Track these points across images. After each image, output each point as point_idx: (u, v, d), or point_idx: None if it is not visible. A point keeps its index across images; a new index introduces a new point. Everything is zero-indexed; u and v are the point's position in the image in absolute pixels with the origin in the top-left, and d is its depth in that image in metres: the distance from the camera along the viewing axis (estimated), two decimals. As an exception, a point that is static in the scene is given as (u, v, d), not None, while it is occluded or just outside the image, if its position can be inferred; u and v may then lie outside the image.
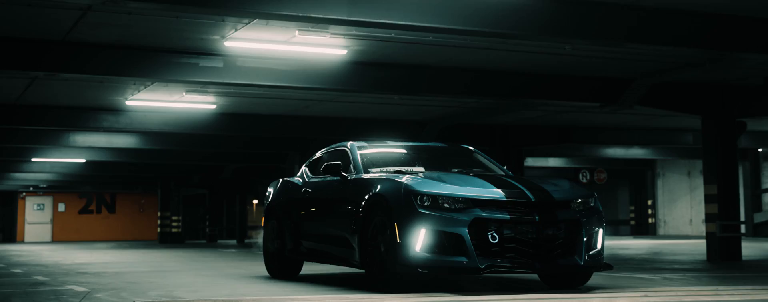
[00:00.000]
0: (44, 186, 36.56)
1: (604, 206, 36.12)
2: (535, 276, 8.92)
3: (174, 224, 33.04)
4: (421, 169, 8.74)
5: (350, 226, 8.21)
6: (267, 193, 10.44)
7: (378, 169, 8.69)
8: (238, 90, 14.93)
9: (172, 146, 21.57)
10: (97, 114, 16.96)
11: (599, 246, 7.92)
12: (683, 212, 29.05)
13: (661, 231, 30.01)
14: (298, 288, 8.28)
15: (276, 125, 17.98)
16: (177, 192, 33.07)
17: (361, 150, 9.05)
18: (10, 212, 38.78)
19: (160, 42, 11.57)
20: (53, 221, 38.67)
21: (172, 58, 12.10)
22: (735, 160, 14.45)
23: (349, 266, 8.33)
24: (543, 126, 19.84)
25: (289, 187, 9.88)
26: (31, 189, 37.42)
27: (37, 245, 29.24)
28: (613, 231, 34.33)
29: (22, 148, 22.91)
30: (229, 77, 12.51)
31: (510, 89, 13.56)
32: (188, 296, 7.36)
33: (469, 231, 7.32)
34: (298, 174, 10.04)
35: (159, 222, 32.65)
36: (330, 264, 8.84)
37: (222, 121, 17.69)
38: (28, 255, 18.74)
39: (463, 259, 7.32)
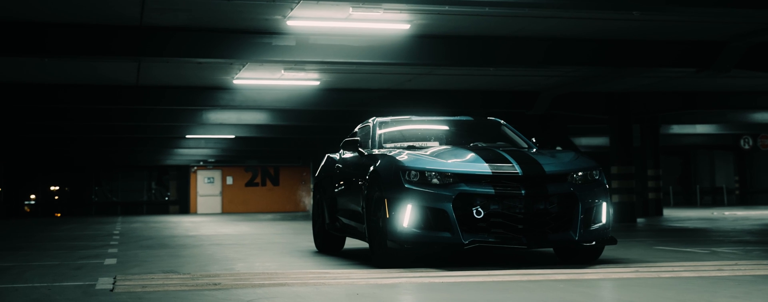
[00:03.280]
0: (213, 160, 38.39)
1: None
2: (550, 251, 8.78)
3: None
4: (435, 144, 8.79)
5: (360, 202, 8.36)
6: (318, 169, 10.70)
7: (393, 145, 8.79)
8: (334, 66, 15.24)
9: (304, 122, 22.24)
10: (212, 92, 17.71)
11: (603, 219, 7.70)
12: None
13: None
14: (319, 263, 8.50)
15: (380, 99, 18.19)
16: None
17: (383, 126, 9.15)
18: (185, 185, 40.99)
19: (228, 24, 11.96)
20: (222, 193, 40.58)
21: (245, 38, 12.47)
22: None
23: (364, 240, 8.47)
24: (665, 92, 19.11)
25: (329, 163, 10.10)
26: (202, 163, 39.37)
27: (203, 216, 30.82)
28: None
29: (170, 126, 24.21)
30: (302, 55, 12.78)
31: (588, 57, 13.16)
32: (196, 270, 7.74)
33: (453, 207, 7.31)
34: (339, 151, 10.24)
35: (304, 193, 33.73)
36: (356, 238, 9.00)
37: (328, 96, 18.08)
38: (168, 225, 19.84)
39: (447, 234, 7.33)
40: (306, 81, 16.46)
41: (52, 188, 42.94)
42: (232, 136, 26.97)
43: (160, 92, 17.35)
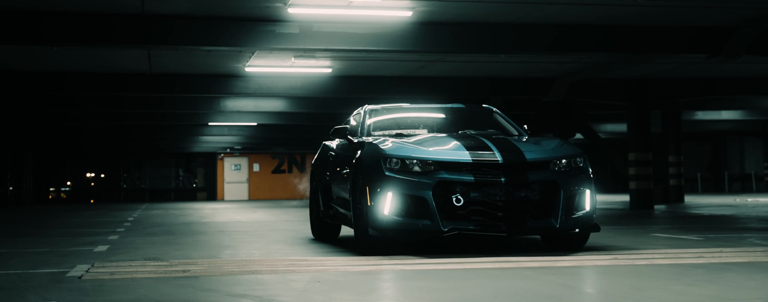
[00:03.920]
0: (239, 147, 38.61)
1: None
2: (538, 238, 8.74)
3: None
4: (424, 132, 8.75)
5: (347, 189, 8.35)
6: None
7: (381, 133, 8.77)
8: (343, 54, 15.21)
9: (322, 109, 22.26)
10: (226, 80, 17.78)
11: (587, 207, 7.62)
12: None
13: None
14: (308, 250, 8.51)
15: (394, 86, 18.15)
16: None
17: (373, 114, 9.12)
18: (212, 172, 41.27)
19: (230, 12, 11.99)
20: (249, 180, 40.78)
21: (249, 26, 12.49)
22: None
23: (352, 228, 8.46)
24: (683, 77, 18.87)
25: (324, 151, 10.09)
26: (229, 150, 39.61)
27: (228, 203, 30.97)
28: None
29: (189, 113, 24.36)
30: (307, 43, 12.78)
31: (597, 44, 13.04)
32: (175, 256, 7.78)
33: (433, 194, 7.28)
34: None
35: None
36: (346, 226, 8.97)
37: (341, 83, 18.08)
38: (187, 212, 19.97)
39: (427, 222, 7.30)
40: (318, 68, 16.47)
41: (88, 175, 43.46)
42: (255, 124, 27.10)
43: (172, 80, 17.47)
